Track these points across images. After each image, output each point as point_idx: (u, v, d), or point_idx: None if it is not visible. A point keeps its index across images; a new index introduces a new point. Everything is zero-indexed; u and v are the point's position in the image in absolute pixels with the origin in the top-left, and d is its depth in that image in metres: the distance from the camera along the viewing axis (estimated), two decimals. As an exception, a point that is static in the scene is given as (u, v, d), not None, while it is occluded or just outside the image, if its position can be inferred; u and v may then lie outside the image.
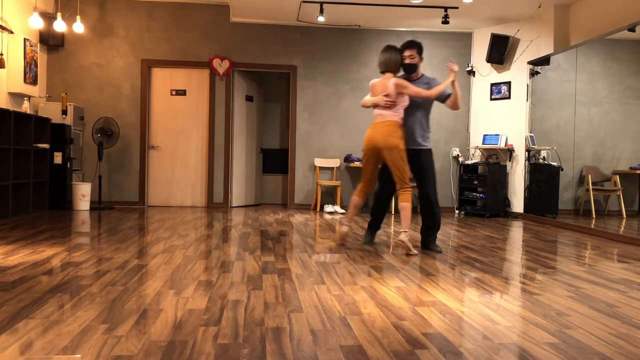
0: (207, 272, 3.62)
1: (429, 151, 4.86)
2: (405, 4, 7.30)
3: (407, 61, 4.77)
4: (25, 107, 7.27)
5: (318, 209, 8.47)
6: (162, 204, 8.54)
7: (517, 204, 8.12)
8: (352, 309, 2.81)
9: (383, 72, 4.82)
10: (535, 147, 7.79)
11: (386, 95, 4.65)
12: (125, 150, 8.35)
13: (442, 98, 4.82)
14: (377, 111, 4.76)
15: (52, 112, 7.66)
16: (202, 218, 6.93)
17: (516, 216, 8.06)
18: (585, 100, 7.12)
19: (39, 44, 7.71)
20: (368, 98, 4.86)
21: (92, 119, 8.10)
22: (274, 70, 8.75)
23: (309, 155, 8.72)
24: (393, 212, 8.46)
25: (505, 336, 2.41)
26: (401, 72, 4.85)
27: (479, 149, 8.59)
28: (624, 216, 6.89)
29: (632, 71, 6.93)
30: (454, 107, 4.83)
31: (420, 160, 4.82)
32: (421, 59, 4.83)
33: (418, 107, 4.79)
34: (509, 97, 8.27)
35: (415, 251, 4.60)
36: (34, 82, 7.49)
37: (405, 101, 4.69)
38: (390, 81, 4.68)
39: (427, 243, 4.85)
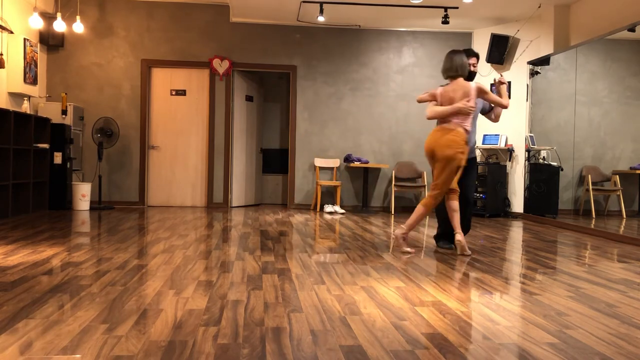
0: (207, 272, 3.62)
1: (476, 158, 4.97)
2: (405, 4, 7.30)
3: (471, 69, 4.70)
4: (25, 107, 7.27)
5: (318, 209, 8.47)
6: (162, 204, 8.54)
7: (517, 204, 8.12)
8: (352, 309, 2.81)
9: (453, 77, 4.54)
10: (535, 147, 7.79)
11: (467, 101, 4.39)
12: (125, 150, 8.35)
13: (487, 109, 4.89)
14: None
15: (52, 112, 7.66)
16: (202, 218, 6.93)
17: (516, 216, 8.06)
18: (585, 100, 7.12)
19: (39, 44, 7.71)
20: (439, 108, 4.50)
21: (92, 119, 8.10)
22: (274, 70, 8.75)
23: (309, 155, 8.72)
24: (393, 212, 8.47)
25: (505, 336, 2.41)
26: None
27: (479, 149, 8.59)
28: (624, 216, 6.89)
29: (632, 71, 6.93)
30: (497, 119, 4.92)
31: (472, 168, 4.81)
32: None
33: (473, 116, 4.70)
34: (509, 97, 8.26)
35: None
36: (34, 82, 7.49)
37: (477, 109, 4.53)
38: (471, 85, 4.44)
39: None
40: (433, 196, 4.53)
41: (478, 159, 8.57)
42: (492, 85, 5.48)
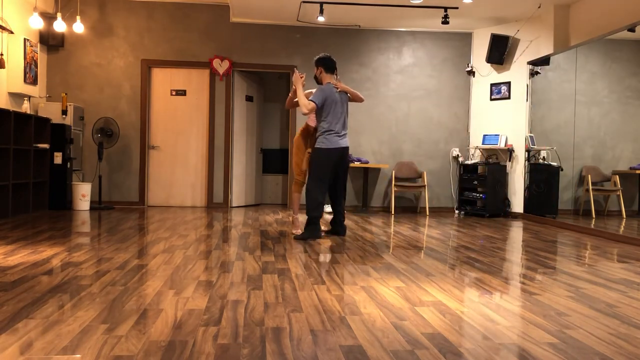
0: (207, 272, 3.62)
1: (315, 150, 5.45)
2: (405, 4, 7.30)
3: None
4: (25, 107, 7.27)
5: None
6: (162, 204, 8.54)
7: (517, 204, 8.12)
8: (352, 309, 2.81)
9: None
10: (535, 147, 7.79)
11: None
12: (125, 150, 8.35)
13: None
14: None
15: (52, 112, 7.66)
16: (202, 218, 6.93)
17: (516, 216, 8.06)
18: (585, 100, 7.12)
19: (39, 44, 7.71)
20: None
21: (92, 119, 8.10)
22: (274, 70, 8.75)
23: (309, 155, 8.71)
24: (393, 212, 8.47)
25: (505, 336, 2.41)
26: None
27: (479, 149, 8.59)
28: (624, 216, 6.89)
29: (632, 71, 6.93)
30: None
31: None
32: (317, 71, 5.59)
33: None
34: (508, 97, 8.27)
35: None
36: (34, 82, 7.49)
37: None
38: None
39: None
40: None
41: (478, 159, 8.58)
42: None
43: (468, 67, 8.76)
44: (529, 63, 7.85)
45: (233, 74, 8.57)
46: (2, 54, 6.63)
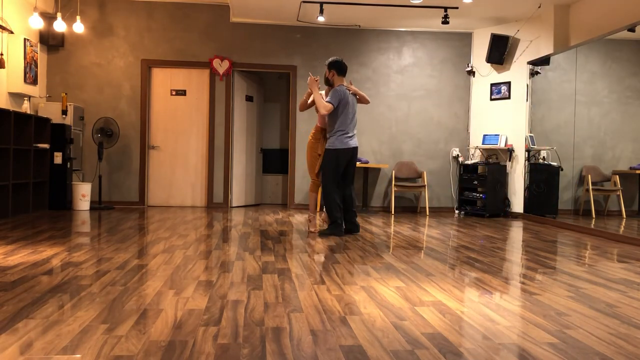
0: (207, 272, 3.62)
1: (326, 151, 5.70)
2: (405, 4, 7.30)
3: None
4: (25, 107, 7.27)
5: (318, 209, 8.45)
6: (162, 204, 8.54)
7: (517, 204, 8.12)
8: (352, 309, 2.81)
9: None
10: (535, 147, 7.79)
11: None
12: (125, 150, 8.35)
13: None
14: None
15: (52, 112, 7.66)
16: (202, 218, 6.93)
17: (516, 216, 8.06)
18: (585, 100, 7.12)
19: (39, 44, 7.71)
20: None
21: (92, 119, 8.10)
22: (274, 70, 8.75)
23: (309, 155, 8.71)
24: (393, 212, 8.46)
25: (505, 336, 2.41)
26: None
27: (479, 149, 8.59)
28: (624, 216, 6.89)
29: (632, 71, 6.92)
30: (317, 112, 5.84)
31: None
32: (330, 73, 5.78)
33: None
34: (508, 97, 8.26)
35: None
36: (34, 82, 7.49)
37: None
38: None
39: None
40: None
41: (478, 159, 8.58)
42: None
43: (468, 67, 8.76)
44: (529, 63, 7.85)
45: (233, 74, 8.57)
46: (2, 54, 6.63)
